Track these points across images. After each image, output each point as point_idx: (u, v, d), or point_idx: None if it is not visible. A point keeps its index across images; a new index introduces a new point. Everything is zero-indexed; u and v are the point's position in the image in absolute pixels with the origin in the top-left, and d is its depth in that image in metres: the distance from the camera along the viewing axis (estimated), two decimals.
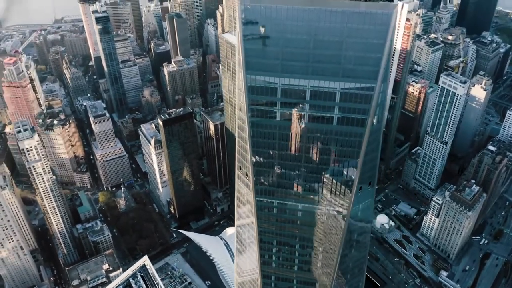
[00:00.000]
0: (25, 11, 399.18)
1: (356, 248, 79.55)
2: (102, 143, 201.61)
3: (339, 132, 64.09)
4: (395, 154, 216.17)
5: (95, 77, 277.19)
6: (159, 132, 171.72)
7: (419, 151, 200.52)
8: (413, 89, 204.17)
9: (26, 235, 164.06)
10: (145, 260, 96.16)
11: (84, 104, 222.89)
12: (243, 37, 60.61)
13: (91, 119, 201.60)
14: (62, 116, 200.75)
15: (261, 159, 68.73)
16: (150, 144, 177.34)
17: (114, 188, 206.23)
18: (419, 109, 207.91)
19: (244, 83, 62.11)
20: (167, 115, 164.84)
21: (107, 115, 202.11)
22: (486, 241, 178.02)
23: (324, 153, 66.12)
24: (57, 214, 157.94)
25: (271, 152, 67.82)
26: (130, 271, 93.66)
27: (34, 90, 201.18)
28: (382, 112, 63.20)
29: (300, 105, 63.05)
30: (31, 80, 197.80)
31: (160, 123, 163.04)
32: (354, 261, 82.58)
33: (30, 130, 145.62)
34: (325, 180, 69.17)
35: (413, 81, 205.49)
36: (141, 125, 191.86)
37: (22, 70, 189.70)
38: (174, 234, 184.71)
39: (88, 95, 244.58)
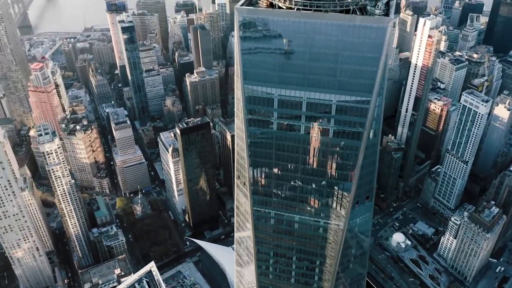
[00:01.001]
0: (57, 19, 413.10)
1: (355, 264, 78.49)
2: (122, 149, 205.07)
3: (335, 145, 63.83)
4: (415, 171, 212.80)
5: (120, 85, 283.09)
6: (177, 141, 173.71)
7: (439, 170, 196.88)
8: (435, 107, 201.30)
9: (43, 236, 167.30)
10: (151, 266, 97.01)
11: (107, 110, 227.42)
12: (240, 47, 61.35)
13: (113, 125, 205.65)
14: (85, 122, 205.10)
15: (258, 169, 68.93)
16: (168, 152, 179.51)
17: (132, 194, 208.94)
18: (441, 127, 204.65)
19: (242, 93, 62.77)
20: (185, 124, 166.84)
21: (128, 122, 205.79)
22: (504, 266, 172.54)
23: (320, 165, 65.88)
24: (73, 217, 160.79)
25: (268, 162, 67.96)
26: (136, 276, 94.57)
27: (59, 96, 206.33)
28: (379, 126, 62.72)
29: (297, 116, 63.19)
30: (57, 85, 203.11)
31: (178, 131, 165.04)
32: (353, 277, 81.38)
33: (51, 134, 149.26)
34: (321, 192, 68.76)
35: (435, 98, 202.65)
36: (160, 133, 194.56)
37: (48, 76, 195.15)
38: (187, 243, 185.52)
39: (112, 102, 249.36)
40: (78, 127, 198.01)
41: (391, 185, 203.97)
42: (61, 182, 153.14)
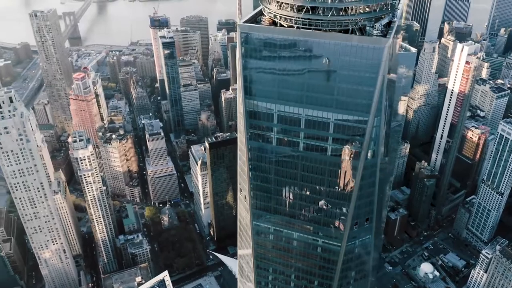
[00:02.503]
0: (106, 32, 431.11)
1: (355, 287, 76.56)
2: (154, 160, 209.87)
3: (333, 163, 63.39)
4: (449, 200, 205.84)
5: (159, 98, 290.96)
6: (206, 154, 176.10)
7: (473, 200, 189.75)
8: (472, 135, 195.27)
9: (72, 240, 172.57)
10: (164, 275, 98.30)
11: (143, 122, 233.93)
12: (242, 63, 62.48)
13: (147, 136, 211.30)
14: (121, 132, 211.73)
15: (258, 183, 69.17)
16: (197, 165, 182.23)
17: (161, 205, 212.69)
18: (478, 156, 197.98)
19: (243, 107, 63.68)
20: (214, 139, 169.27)
21: (162, 134, 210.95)
22: None
23: (318, 183, 65.51)
24: (101, 223, 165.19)
25: (268, 177, 68.13)
26: (148, 284, 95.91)
27: (98, 105, 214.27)
28: (378, 146, 61.75)
29: (295, 133, 63.36)
30: (97, 95, 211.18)
31: (207, 145, 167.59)
32: None
33: (85, 141, 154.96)
34: (319, 210, 68.12)
35: (473, 126, 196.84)
36: (191, 146, 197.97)
37: (89, 86, 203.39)
38: (211, 256, 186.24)
39: (150, 114, 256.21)
40: (114, 136, 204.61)
41: (422, 213, 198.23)
42: (91, 188, 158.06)
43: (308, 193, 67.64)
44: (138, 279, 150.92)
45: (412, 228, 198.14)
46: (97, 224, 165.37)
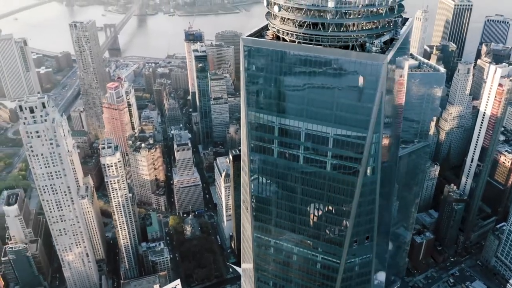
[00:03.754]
0: (144, 45, 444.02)
1: None
2: (181, 170, 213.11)
3: (332, 179, 63.04)
4: (478, 226, 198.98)
5: (190, 110, 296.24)
6: (230, 166, 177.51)
7: (504, 227, 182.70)
8: (505, 159, 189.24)
9: (96, 244, 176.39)
10: (177, 283, 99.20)
11: (173, 132, 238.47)
12: (244, 75, 63.49)
13: (175, 146, 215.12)
14: (151, 141, 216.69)
15: (259, 195, 69.40)
16: (221, 176, 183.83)
17: (185, 215, 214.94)
18: (510, 182, 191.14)
19: (245, 119, 64.44)
20: (238, 151, 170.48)
21: (189, 145, 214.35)
22: None
23: (317, 197, 65.19)
24: (124, 229, 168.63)
25: (269, 189, 68.36)
26: None
27: (130, 114, 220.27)
28: (377, 164, 60.93)
29: (296, 146, 63.52)
30: (129, 105, 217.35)
31: (231, 157, 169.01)
32: None
33: (113, 148, 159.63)
34: (318, 226, 67.60)
35: (506, 150, 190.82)
36: (217, 158, 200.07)
37: (122, 95, 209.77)
38: (230, 270, 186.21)
39: (181, 125, 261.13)
40: (143, 145, 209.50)
41: (450, 238, 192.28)
42: (117, 194, 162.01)
43: (307, 207, 67.48)
44: (156, 287, 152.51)
45: (438, 253, 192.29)
46: (121, 230, 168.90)
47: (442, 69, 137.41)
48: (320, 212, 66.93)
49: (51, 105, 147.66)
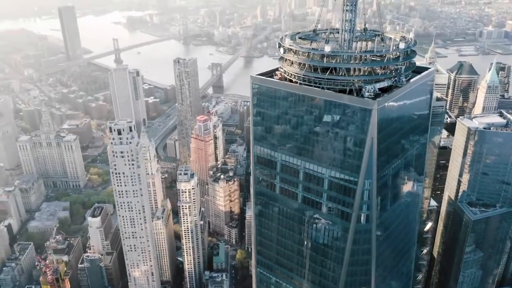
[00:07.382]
0: (247, 85, 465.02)
1: None
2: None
3: (326, 221, 61.90)
4: None
5: None
6: None
7: None
8: None
9: (163, 265, 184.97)
10: None
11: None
12: (252, 110, 66.17)
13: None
14: (231, 173, 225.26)
15: (262, 229, 69.89)
16: None
17: None
18: None
19: (252, 152, 66.42)
20: None
21: None
22: None
23: (312, 238, 64.12)
24: (190, 254, 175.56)
25: (271, 225, 68.58)
26: None
27: (215, 146, 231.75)
28: (372, 212, 58.43)
29: (295, 184, 63.80)
30: (215, 137, 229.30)
31: None
32: None
33: (189, 175, 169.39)
34: (314, 269, 65.86)
35: None
36: None
37: (209, 128, 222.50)
38: None
39: None
40: (222, 176, 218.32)
41: None
42: (187, 219, 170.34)
43: (304, 248, 67.09)
44: None
45: None
46: (187, 255, 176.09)
47: None
48: (315, 255, 66.07)
49: (142, 130, 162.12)
